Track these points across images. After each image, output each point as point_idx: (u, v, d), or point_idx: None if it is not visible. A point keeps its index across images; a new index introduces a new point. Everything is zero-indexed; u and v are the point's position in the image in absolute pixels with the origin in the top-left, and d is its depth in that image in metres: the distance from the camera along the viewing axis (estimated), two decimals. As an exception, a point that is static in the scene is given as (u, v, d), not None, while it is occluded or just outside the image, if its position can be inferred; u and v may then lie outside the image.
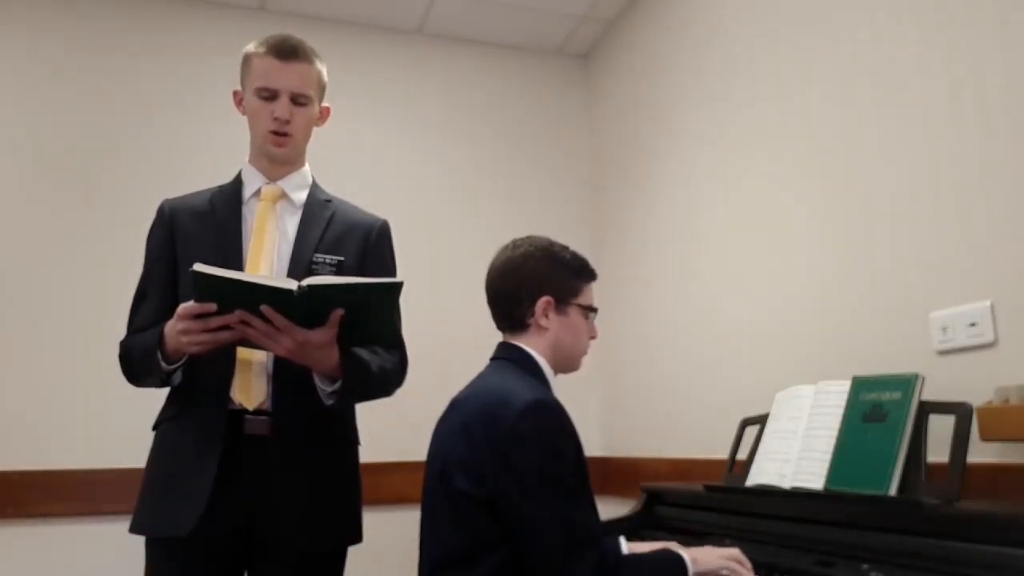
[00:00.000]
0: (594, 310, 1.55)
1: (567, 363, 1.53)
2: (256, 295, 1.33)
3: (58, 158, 2.63)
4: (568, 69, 3.35)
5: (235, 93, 1.67)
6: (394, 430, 2.35)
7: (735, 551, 1.37)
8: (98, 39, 2.74)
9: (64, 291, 2.55)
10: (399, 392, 1.65)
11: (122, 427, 2.29)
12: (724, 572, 1.33)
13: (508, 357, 1.48)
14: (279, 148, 1.60)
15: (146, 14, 2.81)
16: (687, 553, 1.33)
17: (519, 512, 1.27)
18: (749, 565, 1.36)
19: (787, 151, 2.10)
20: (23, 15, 2.67)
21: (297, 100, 1.59)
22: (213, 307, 1.34)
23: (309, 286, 1.32)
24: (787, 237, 2.08)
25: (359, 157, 2.93)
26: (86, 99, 2.69)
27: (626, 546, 1.50)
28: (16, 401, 2.44)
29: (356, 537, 1.59)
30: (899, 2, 1.75)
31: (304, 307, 1.34)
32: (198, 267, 1.29)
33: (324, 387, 1.48)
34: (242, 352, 1.48)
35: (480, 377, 1.49)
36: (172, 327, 1.40)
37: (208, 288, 1.33)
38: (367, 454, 1.69)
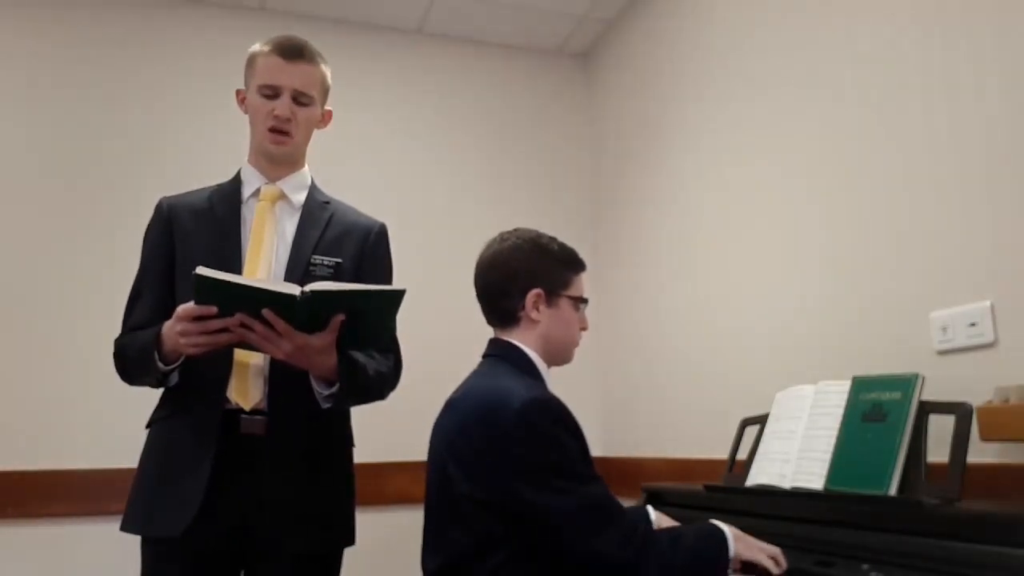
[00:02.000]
0: (584, 301, 1.53)
1: (560, 355, 1.52)
2: (258, 299, 1.32)
3: (57, 158, 2.63)
4: (568, 69, 3.35)
5: (238, 92, 1.67)
6: (394, 430, 2.35)
7: (776, 549, 1.34)
8: (98, 39, 2.74)
9: (64, 291, 2.55)
10: (399, 392, 1.65)
11: (122, 427, 2.28)
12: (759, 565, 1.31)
13: (500, 354, 1.48)
14: (278, 146, 1.60)
15: (146, 14, 2.81)
16: (730, 529, 1.31)
17: (533, 505, 1.26)
18: (785, 564, 1.33)
19: (787, 151, 2.10)
20: (23, 15, 2.67)
21: (299, 99, 1.59)
22: (213, 310, 1.34)
23: (312, 292, 1.31)
24: (787, 237, 2.08)
25: (359, 157, 2.93)
26: (86, 99, 2.69)
27: (654, 514, 1.50)
28: (16, 401, 2.43)
29: (349, 539, 1.59)
30: (900, 2, 1.75)
31: (305, 312, 1.33)
32: (201, 270, 1.29)
33: (321, 391, 1.47)
34: (239, 353, 1.47)
35: (474, 375, 1.49)
36: (170, 327, 1.39)
37: (209, 291, 1.32)
38: (367, 455, 1.69)
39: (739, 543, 1.30)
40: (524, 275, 1.47)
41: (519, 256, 1.48)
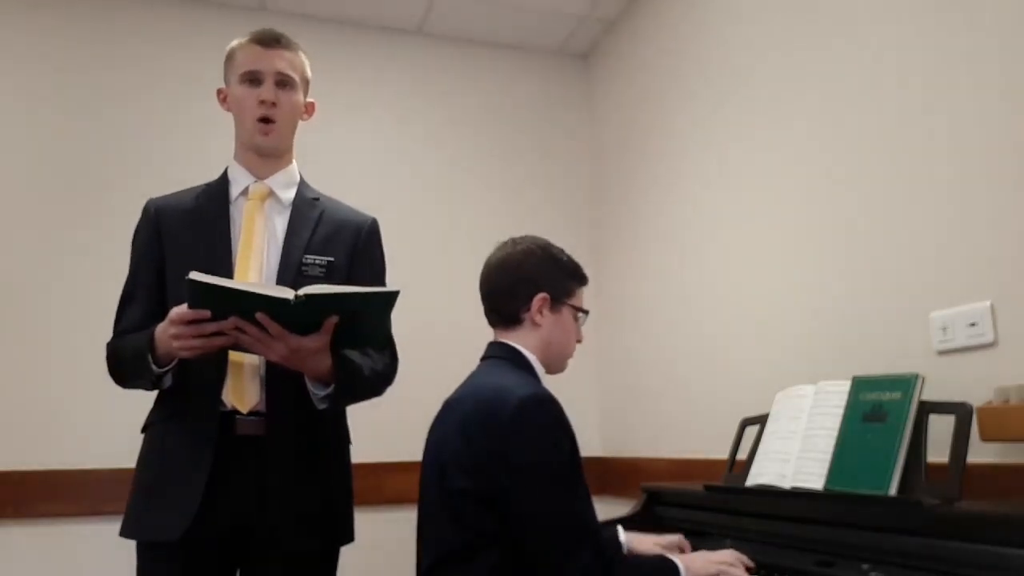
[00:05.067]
0: (585, 312, 1.58)
1: (555, 363, 1.55)
2: (252, 303, 1.32)
3: (57, 157, 2.63)
4: (568, 69, 3.35)
5: (219, 91, 1.66)
6: (392, 430, 2.35)
7: (728, 554, 1.39)
8: (96, 38, 2.75)
9: (64, 291, 2.55)
10: (398, 392, 1.64)
11: (122, 427, 2.27)
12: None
13: (500, 355, 1.50)
14: (266, 136, 1.59)
15: (145, 13, 2.81)
16: (681, 560, 1.34)
17: (518, 506, 1.28)
18: (744, 561, 1.37)
19: (787, 150, 2.10)
20: (24, 15, 2.67)
21: (282, 83, 1.59)
22: (207, 314, 1.33)
23: (307, 295, 1.31)
24: (787, 236, 2.08)
25: (358, 157, 2.93)
26: (85, 99, 2.69)
27: (624, 535, 1.52)
28: (16, 401, 2.44)
29: (348, 537, 1.59)
30: (899, 2, 1.75)
31: (300, 315, 1.33)
32: (194, 275, 1.28)
33: (317, 391, 1.47)
34: (234, 355, 1.47)
35: (473, 376, 1.51)
36: (164, 331, 1.39)
37: (203, 295, 1.31)
38: (366, 454, 1.69)
39: (690, 571, 1.33)
40: (533, 279, 1.51)
41: (531, 260, 1.53)
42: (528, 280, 1.51)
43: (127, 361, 1.49)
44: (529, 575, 1.30)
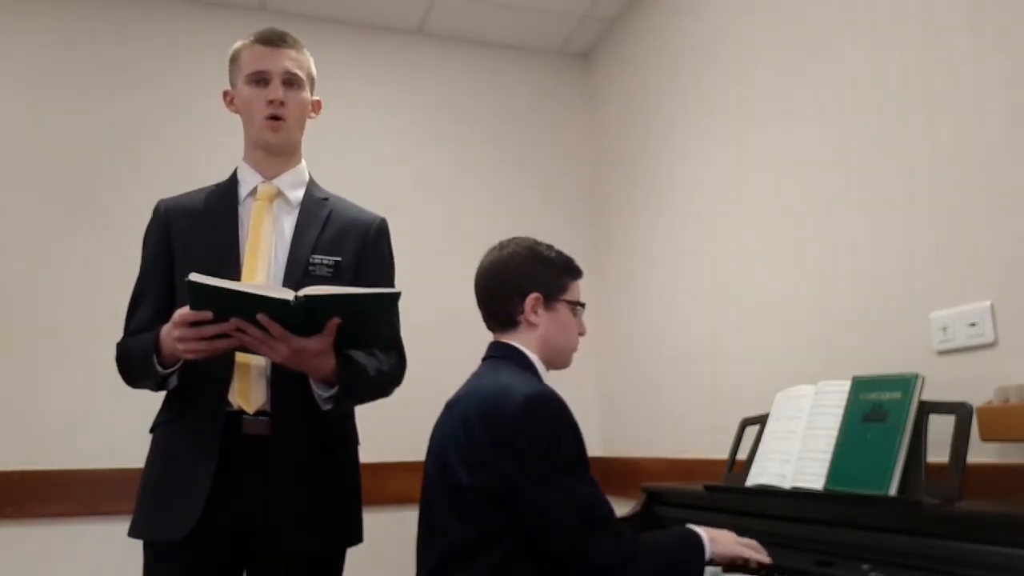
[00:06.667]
0: (582, 305, 1.58)
1: (558, 359, 1.55)
2: (252, 304, 1.31)
3: (58, 158, 2.63)
4: (568, 69, 3.35)
5: (225, 93, 1.66)
6: (395, 430, 2.35)
7: (753, 541, 1.39)
8: (97, 38, 2.75)
9: (64, 291, 2.55)
10: (401, 392, 1.64)
11: (122, 427, 2.29)
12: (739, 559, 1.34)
13: (500, 355, 1.50)
14: (275, 133, 1.59)
15: (146, 13, 2.81)
16: (705, 532, 1.35)
17: (528, 498, 1.28)
18: (765, 553, 1.38)
19: (787, 150, 2.10)
20: (23, 14, 2.67)
21: (289, 82, 1.59)
22: (209, 315, 1.33)
23: (306, 296, 1.31)
24: (787, 237, 2.08)
25: (359, 157, 2.93)
26: (86, 99, 2.69)
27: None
28: (16, 401, 2.43)
29: (356, 538, 1.59)
30: (900, 3, 1.75)
31: (301, 316, 1.33)
32: (193, 277, 1.27)
33: (321, 393, 1.47)
34: (240, 356, 1.47)
35: (475, 376, 1.51)
36: (168, 332, 1.39)
37: (204, 297, 1.31)
38: (368, 454, 1.69)
39: (715, 544, 1.34)
40: (523, 280, 1.51)
41: (518, 262, 1.53)
42: (518, 282, 1.51)
43: (134, 361, 1.49)
44: (532, 574, 1.30)
